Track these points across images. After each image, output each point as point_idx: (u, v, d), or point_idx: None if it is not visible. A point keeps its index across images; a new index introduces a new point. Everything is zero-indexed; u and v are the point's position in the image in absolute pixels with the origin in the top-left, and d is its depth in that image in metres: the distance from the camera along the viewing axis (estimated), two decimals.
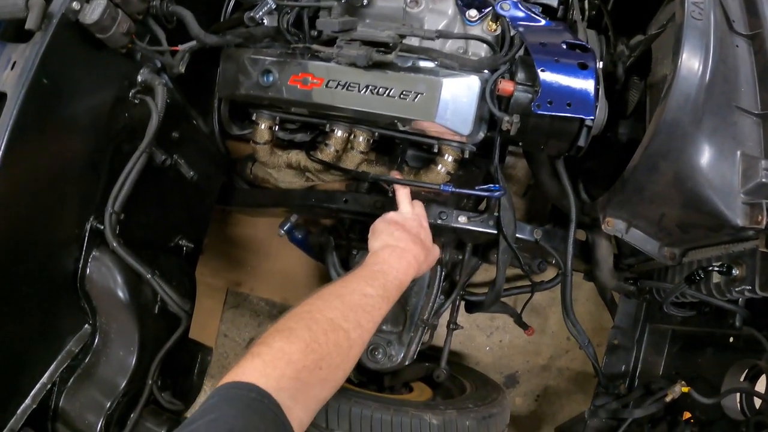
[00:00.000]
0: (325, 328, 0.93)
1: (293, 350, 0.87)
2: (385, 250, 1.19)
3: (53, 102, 1.12)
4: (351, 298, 1.03)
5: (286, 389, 0.83)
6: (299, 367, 0.86)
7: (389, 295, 1.10)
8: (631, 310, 1.67)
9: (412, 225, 1.26)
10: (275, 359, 0.85)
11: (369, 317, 1.03)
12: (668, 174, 1.21)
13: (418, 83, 1.32)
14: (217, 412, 0.77)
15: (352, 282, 1.07)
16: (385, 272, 1.12)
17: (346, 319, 0.97)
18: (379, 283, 1.09)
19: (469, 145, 1.43)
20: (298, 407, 0.85)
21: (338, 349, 0.93)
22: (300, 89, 1.38)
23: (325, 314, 0.96)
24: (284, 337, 0.89)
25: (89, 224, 1.25)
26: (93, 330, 1.31)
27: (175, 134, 1.43)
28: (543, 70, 1.25)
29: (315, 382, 0.89)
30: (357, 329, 0.98)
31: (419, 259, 1.21)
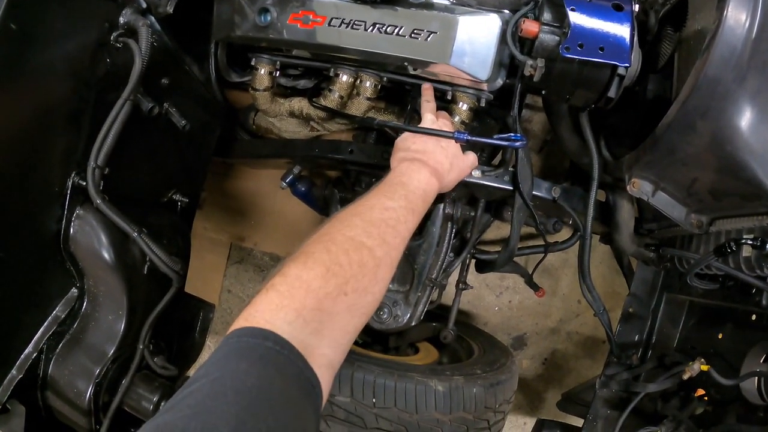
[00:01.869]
0: (346, 248, 0.78)
1: (312, 276, 0.73)
2: (402, 164, 1.04)
3: (24, 49, 0.95)
4: (371, 214, 0.88)
5: (308, 323, 0.69)
6: (321, 295, 0.71)
7: (414, 207, 0.95)
8: (648, 278, 1.51)
9: (431, 137, 1.08)
10: (292, 289, 0.71)
11: (394, 232, 0.87)
12: (705, 135, 1.05)
13: (432, 21, 1.12)
14: (223, 368, 0.60)
15: (370, 198, 0.92)
16: (404, 183, 0.98)
17: (369, 235, 0.83)
18: (400, 195, 0.95)
19: (485, 92, 1.24)
20: (325, 343, 0.71)
21: (363, 269, 0.78)
22: (300, 28, 1.18)
23: (345, 233, 0.81)
24: (301, 263, 0.74)
25: (71, 180, 1.10)
26: (80, 293, 1.16)
27: (164, 81, 1.24)
28: (573, 10, 1.07)
29: (341, 310, 0.74)
30: (383, 246, 0.83)
31: (441, 168, 1.06)
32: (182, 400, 0.57)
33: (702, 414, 1.31)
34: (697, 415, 1.31)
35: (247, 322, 0.67)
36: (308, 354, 0.66)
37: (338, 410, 1.25)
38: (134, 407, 1.20)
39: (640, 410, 1.38)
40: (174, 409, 0.56)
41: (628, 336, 1.49)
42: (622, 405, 1.42)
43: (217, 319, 2.04)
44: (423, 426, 1.25)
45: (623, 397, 1.42)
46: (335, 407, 1.25)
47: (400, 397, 1.24)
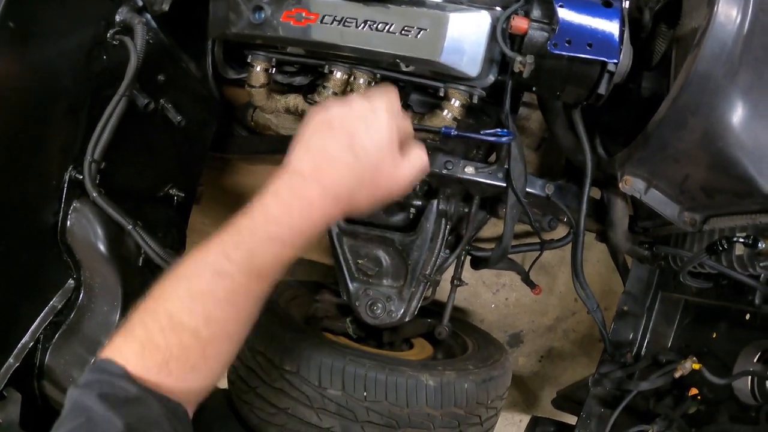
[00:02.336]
0: (162, 326, 0.68)
1: (130, 352, 0.67)
2: (276, 182, 0.73)
3: (22, 47, 0.97)
4: (199, 281, 0.70)
5: (139, 391, 0.66)
6: (141, 371, 0.67)
7: (260, 270, 0.71)
8: (643, 276, 1.50)
9: (348, 124, 0.73)
10: (115, 356, 0.67)
11: (227, 306, 0.70)
12: (696, 131, 1.05)
13: (422, 18, 1.13)
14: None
15: (211, 249, 0.72)
16: (255, 230, 0.71)
17: (190, 313, 0.69)
18: (243, 252, 0.70)
19: (477, 89, 1.24)
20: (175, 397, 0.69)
21: (186, 351, 0.68)
22: (294, 26, 1.19)
23: (166, 306, 0.69)
24: (122, 335, 0.69)
25: (68, 174, 1.12)
26: (77, 285, 1.19)
27: (160, 77, 1.26)
28: (562, 6, 1.08)
29: (169, 383, 0.68)
30: (209, 325, 0.69)
31: (338, 190, 0.72)
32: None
33: (695, 413, 1.30)
34: (689, 414, 1.30)
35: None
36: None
37: (329, 403, 1.26)
38: None
39: (633, 408, 1.37)
40: None
41: (623, 334, 1.48)
42: (615, 403, 1.41)
43: None
44: (413, 420, 1.26)
45: (616, 395, 1.41)
46: (327, 400, 1.26)
47: (390, 390, 1.25)
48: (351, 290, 1.44)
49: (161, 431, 0.65)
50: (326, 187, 0.72)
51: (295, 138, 0.78)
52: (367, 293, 1.44)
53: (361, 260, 1.44)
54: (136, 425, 0.62)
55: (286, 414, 1.30)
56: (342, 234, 1.44)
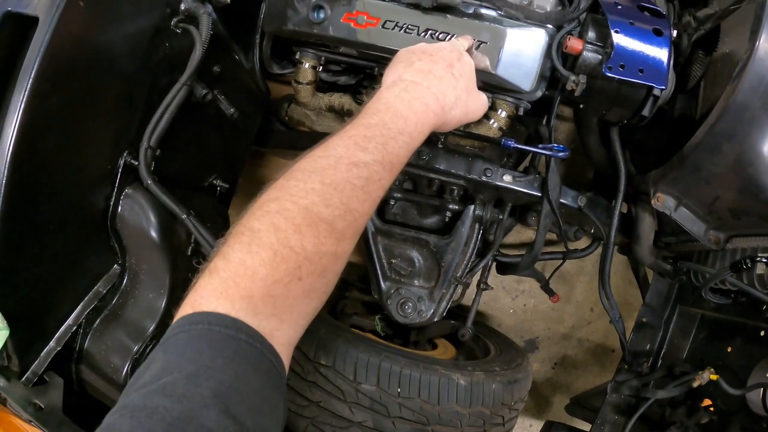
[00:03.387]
0: (298, 224, 0.65)
1: (257, 262, 0.62)
2: (393, 89, 0.82)
3: (89, 27, 0.98)
4: (335, 173, 0.70)
5: (259, 311, 0.61)
6: (269, 283, 0.62)
7: (393, 159, 0.76)
8: (663, 290, 1.57)
9: (444, 55, 0.87)
10: (236, 276, 0.61)
11: (363, 195, 0.71)
12: (730, 156, 1.11)
13: (482, 31, 1.18)
14: (197, 363, 0.54)
15: (337, 146, 0.74)
16: (386, 125, 0.77)
17: (328, 204, 0.67)
18: (377, 144, 0.75)
19: (525, 102, 1.30)
20: (283, 326, 0.64)
21: (320, 248, 0.66)
22: (353, 28, 1.23)
23: (299, 201, 0.66)
24: (245, 244, 0.63)
25: (123, 160, 1.13)
26: (122, 270, 1.20)
27: (216, 68, 1.28)
28: (617, 32, 1.13)
29: (296, 295, 0.64)
30: (346, 216, 0.69)
31: (444, 101, 0.84)
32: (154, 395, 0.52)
33: (707, 423, 1.37)
34: (702, 424, 1.38)
35: (193, 309, 0.61)
36: (270, 336, 0.61)
37: (363, 398, 1.29)
38: None
39: (647, 417, 1.45)
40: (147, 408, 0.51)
41: (640, 344, 1.55)
42: (629, 411, 1.49)
43: None
44: (443, 417, 1.30)
45: (632, 403, 1.48)
46: (360, 395, 1.29)
47: (424, 388, 1.29)
48: (383, 289, 1.48)
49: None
50: (437, 96, 0.84)
51: (394, 62, 0.90)
52: (399, 292, 1.48)
53: (394, 260, 1.48)
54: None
55: (318, 407, 1.33)
56: (377, 233, 1.47)
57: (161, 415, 0.50)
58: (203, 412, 0.51)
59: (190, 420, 0.50)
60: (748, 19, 1.09)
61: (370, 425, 1.31)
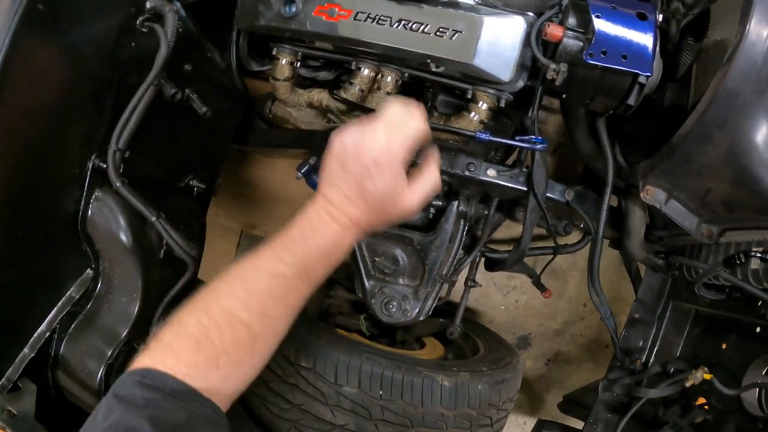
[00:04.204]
0: (218, 322, 0.75)
1: (182, 348, 0.73)
2: (316, 205, 0.86)
3: (50, 30, 0.96)
4: (257, 282, 0.79)
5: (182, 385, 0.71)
6: (191, 366, 0.72)
7: (311, 272, 0.83)
8: (655, 285, 1.51)
9: (365, 162, 0.83)
10: (164, 357, 0.72)
11: (280, 303, 0.80)
12: (721, 146, 1.05)
13: (457, 20, 1.12)
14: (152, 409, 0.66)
15: (263, 258, 0.82)
16: (306, 241, 0.83)
17: (247, 309, 0.77)
18: (296, 259, 0.81)
19: (506, 93, 1.24)
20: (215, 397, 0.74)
21: (237, 345, 0.76)
22: (325, 21, 1.18)
23: (222, 303, 0.77)
24: (174, 332, 0.75)
25: (91, 162, 1.10)
26: (95, 275, 1.17)
27: (187, 67, 1.24)
28: (598, 17, 1.08)
29: (215, 379, 0.74)
30: (262, 320, 0.78)
31: (361, 223, 0.86)
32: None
33: (702, 422, 1.33)
34: (696, 424, 1.33)
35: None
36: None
37: (344, 400, 1.26)
38: None
39: (640, 416, 1.40)
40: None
41: (633, 341, 1.49)
42: (623, 409, 1.43)
43: None
44: (427, 420, 1.27)
45: (624, 401, 1.43)
46: (342, 397, 1.26)
47: (406, 390, 1.25)
48: (367, 288, 1.44)
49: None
50: (351, 219, 0.86)
51: (322, 168, 0.89)
52: (383, 291, 1.43)
53: (378, 258, 1.43)
54: None
55: (300, 410, 1.30)
56: None
57: None
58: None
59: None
60: (738, 2, 1.02)
61: (352, 428, 1.27)
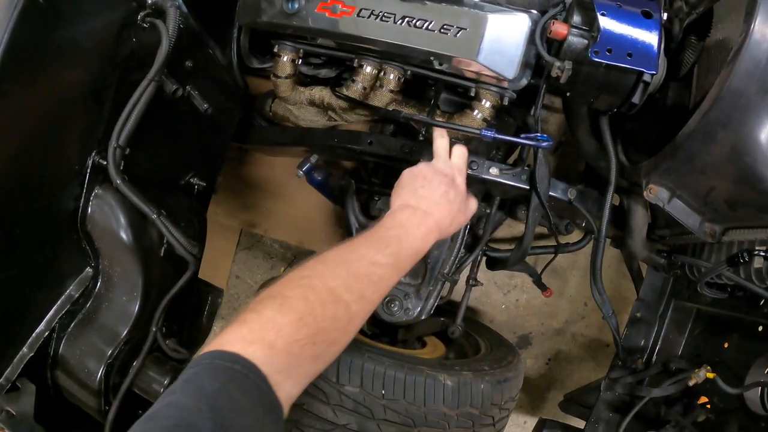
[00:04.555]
0: (323, 299, 0.78)
1: (285, 322, 0.73)
2: (404, 212, 0.99)
3: (50, 25, 0.94)
4: (358, 266, 0.85)
5: (274, 362, 0.70)
6: (290, 341, 0.72)
7: (401, 265, 0.92)
8: (657, 284, 1.50)
9: (441, 181, 1.04)
10: (264, 329, 0.71)
11: (374, 289, 0.86)
12: (725, 145, 1.04)
13: (462, 17, 1.12)
14: (198, 384, 0.64)
15: (361, 247, 0.89)
16: (400, 238, 0.93)
17: (348, 290, 0.81)
18: (392, 251, 0.90)
19: (509, 91, 1.23)
20: (289, 382, 0.72)
21: (335, 323, 0.78)
22: (328, 18, 1.17)
23: (326, 282, 0.80)
24: (276, 305, 0.74)
25: (91, 159, 1.08)
26: (95, 273, 1.15)
27: (188, 63, 1.22)
28: (604, 14, 1.07)
29: (307, 357, 0.74)
30: (359, 302, 0.82)
31: (442, 225, 1.01)
32: (161, 410, 0.62)
33: (704, 422, 1.32)
34: (699, 423, 1.32)
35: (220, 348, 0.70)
36: (273, 383, 0.69)
37: (347, 400, 1.24)
38: (144, 389, 1.19)
39: (642, 414, 1.38)
40: (155, 419, 0.61)
41: (634, 340, 1.49)
42: (624, 408, 1.43)
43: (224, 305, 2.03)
44: (430, 419, 1.25)
45: (626, 400, 1.42)
46: (344, 397, 1.24)
47: (409, 389, 1.23)
48: None
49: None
50: (437, 222, 1.00)
51: (399, 186, 1.05)
52: None
53: None
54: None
55: (302, 410, 1.28)
56: (361, 229, 1.41)
57: (164, 422, 0.59)
58: (201, 423, 0.59)
59: (189, 427, 0.59)
60: (741, 1, 1.02)
61: (354, 428, 1.25)
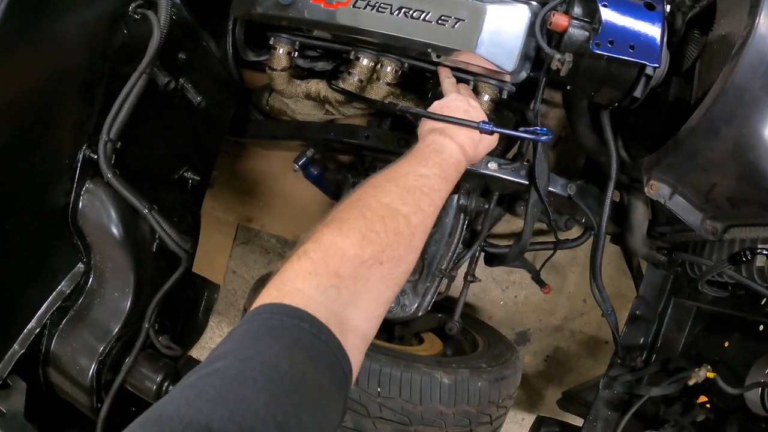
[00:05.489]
0: (381, 215, 0.74)
1: (347, 244, 0.68)
2: (432, 134, 0.98)
3: (39, 16, 0.91)
4: (406, 180, 0.83)
5: (342, 293, 0.65)
6: (356, 263, 0.68)
7: (447, 175, 0.90)
8: (657, 281, 1.47)
9: (459, 106, 1.02)
10: (326, 256, 0.66)
11: (429, 200, 0.83)
12: (728, 141, 1.02)
13: (460, 8, 1.08)
14: (254, 349, 0.55)
15: (403, 165, 0.87)
16: (438, 151, 0.93)
17: (404, 202, 0.78)
18: (434, 162, 0.89)
19: (508, 84, 1.20)
20: (360, 315, 0.67)
21: (399, 237, 0.74)
22: (323, 9, 1.14)
23: (380, 199, 0.77)
24: (335, 229, 0.70)
25: (82, 153, 1.06)
26: (87, 269, 1.13)
27: (181, 56, 1.19)
28: (605, 6, 1.04)
29: (376, 279, 0.70)
30: (418, 213, 0.79)
31: (474, 139, 1.00)
32: (206, 377, 0.51)
33: (703, 421, 1.29)
34: (698, 422, 1.29)
35: (278, 291, 0.62)
36: (343, 327, 0.63)
37: None
38: (137, 386, 1.17)
39: (641, 413, 1.36)
40: (196, 387, 0.50)
41: (634, 338, 1.46)
42: (623, 407, 1.40)
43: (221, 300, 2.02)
44: (426, 417, 1.23)
45: (625, 399, 1.39)
46: None
47: (405, 387, 1.22)
48: None
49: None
50: (466, 135, 0.98)
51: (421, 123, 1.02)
52: None
53: None
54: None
55: None
56: None
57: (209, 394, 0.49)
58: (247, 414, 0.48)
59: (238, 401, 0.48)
60: None
61: (350, 426, 1.24)
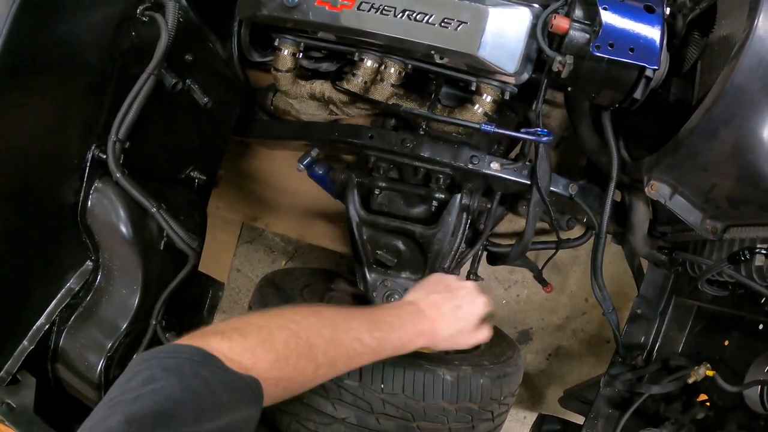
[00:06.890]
0: (300, 352, 0.82)
1: (263, 357, 0.77)
2: (408, 307, 1.05)
3: (49, 19, 0.93)
4: (343, 337, 0.90)
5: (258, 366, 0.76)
6: (261, 375, 0.76)
7: (381, 352, 0.97)
8: (658, 281, 1.49)
9: (460, 296, 1.09)
10: (243, 355, 0.75)
11: (346, 363, 0.92)
12: (727, 142, 1.03)
13: (463, 11, 1.10)
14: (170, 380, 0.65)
15: (355, 320, 0.95)
16: (392, 327, 0.99)
17: (325, 353, 0.86)
18: (379, 336, 0.95)
19: (510, 85, 1.21)
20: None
21: (300, 377, 0.84)
22: (328, 11, 1.15)
23: (310, 338, 0.85)
24: (261, 339, 0.79)
25: (91, 153, 1.08)
26: (95, 267, 1.15)
27: (188, 57, 1.21)
28: (606, 8, 1.06)
29: (268, 395, 0.78)
30: (327, 367, 0.88)
31: (437, 335, 1.05)
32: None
33: (703, 419, 1.30)
34: (698, 420, 1.31)
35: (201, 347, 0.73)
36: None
37: (346, 394, 1.24)
38: None
39: (641, 411, 1.37)
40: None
41: (635, 337, 1.47)
42: (624, 405, 1.42)
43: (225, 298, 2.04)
44: (429, 413, 1.24)
45: (626, 397, 1.41)
46: (343, 391, 1.24)
47: (408, 383, 1.23)
48: (369, 281, 1.41)
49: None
50: (434, 329, 1.04)
51: (425, 282, 1.12)
52: (385, 284, 1.41)
53: (380, 251, 1.41)
54: None
55: (301, 403, 1.27)
56: (362, 224, 1.40)
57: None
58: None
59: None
60: None
61: (353, 422, 1.25)
